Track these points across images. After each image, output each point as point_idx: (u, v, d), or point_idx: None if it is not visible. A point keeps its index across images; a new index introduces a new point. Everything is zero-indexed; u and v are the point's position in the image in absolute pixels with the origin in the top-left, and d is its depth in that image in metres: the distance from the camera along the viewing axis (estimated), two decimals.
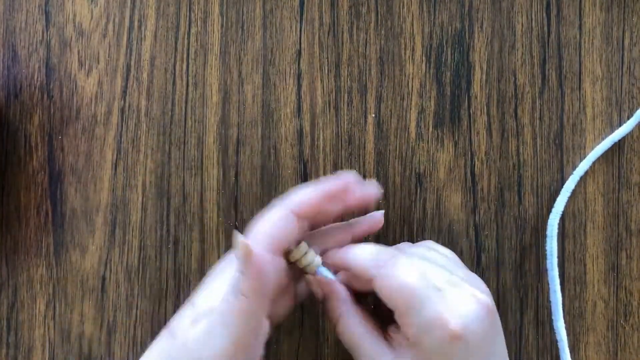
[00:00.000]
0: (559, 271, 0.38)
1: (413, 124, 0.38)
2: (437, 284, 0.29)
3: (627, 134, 0.38)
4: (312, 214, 0.31)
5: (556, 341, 0.37)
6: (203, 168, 0.38)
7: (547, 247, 0.37)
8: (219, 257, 0.38)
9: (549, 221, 0.37)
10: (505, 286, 0.38)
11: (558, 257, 0.38)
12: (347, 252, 0.31)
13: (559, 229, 0.38)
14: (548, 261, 0.37)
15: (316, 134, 0.38)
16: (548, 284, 0.37)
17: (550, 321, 0.37)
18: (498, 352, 0.30)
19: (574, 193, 0.38)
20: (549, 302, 0.37)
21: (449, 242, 0.38)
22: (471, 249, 0.38)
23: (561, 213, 0.37)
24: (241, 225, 0.38)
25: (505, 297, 0.38)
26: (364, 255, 0.31)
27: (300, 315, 0.38)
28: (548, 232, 0.37)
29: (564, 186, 0.37)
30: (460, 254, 0.38)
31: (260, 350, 0.30)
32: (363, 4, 0.38)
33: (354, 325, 0.31)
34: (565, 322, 0.37)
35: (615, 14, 0.38)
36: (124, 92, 0.38)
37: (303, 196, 0.30)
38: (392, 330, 0.30)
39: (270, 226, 0.30)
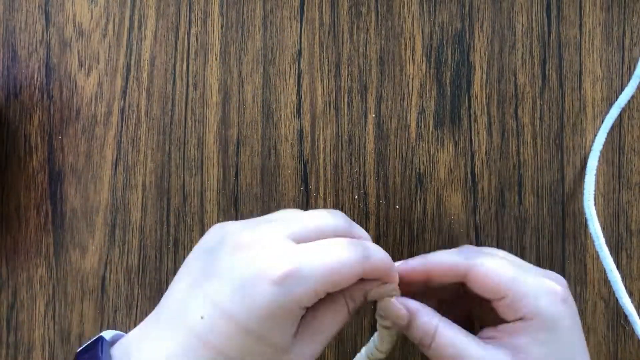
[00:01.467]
0: (560, 271, 0.38)
1: (413, 124, 0.38)
2: (526, 265, 0.30)
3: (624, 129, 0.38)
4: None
5: None
6: (203, 168, 0.38)
7: (591, 230, 0.36)
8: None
9: (584, 204, 0.37)
10: None
11: (558, 257, 0.38)
12: (425, 257, 0.31)
13: (560, 229, 0.38)
14: (595, 243, 0.36)
15: (316, 134, 0.38)
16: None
17: None
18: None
19: (574, 193, 0.38)
20: (609, 281, 0.36)
21: (449, 242, 0.38)
22: None
23: (593, 193, 0.37)
24: None
25: None
26: (447, 255, 0.31)
27: None
28: (587, 215, 0.36)
29: (590, 159, 0.37)
30: None
31: None
32: (363, 4, 0.38)
33: (455, 334, 0.29)
34: None
35: (616, 13, 0.38)
36: (124, 92, 0.38)
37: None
38: (484, 333, 0.30)
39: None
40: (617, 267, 0.38)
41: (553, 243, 0.38)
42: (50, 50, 0.38)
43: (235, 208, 0.38)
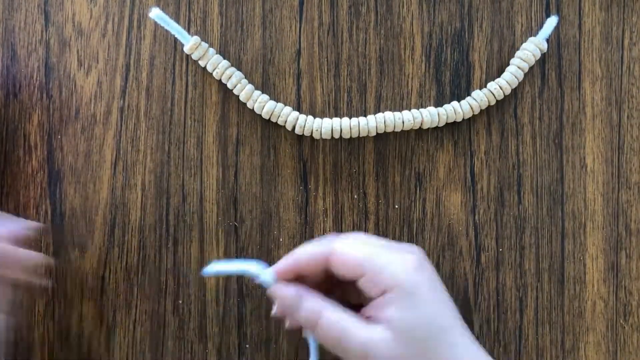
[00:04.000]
0: (559, 271, 0.38)
1: None
2: (380, 244, 0.32)
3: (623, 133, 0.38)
4: None
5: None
6: (202, 168, 0.38)
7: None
8: (218, 257, 0.38)
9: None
10: (505, 286, 0.38)
11: (557, 256, 0.38)
12: (292, 254, 0.33)
13: (559, 228, 0.38)
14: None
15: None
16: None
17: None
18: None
19: (573, 192, 0.38)
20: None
21: (449, 241, 0.38)
22: (471, 248, 0.38)
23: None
24: (240, 224, 0.38)
25: (505, 297, 0.38)
26: (308, 247, 0.33)
27: None
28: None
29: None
30: (459, 254, 0.38)
31: None
32: (363, 3, 0.38)
33: (339, 315, 0.31)
34: (565, 322, 0.38)
35: (615, 13, 0.38)
36: (124, 91, 0.38)
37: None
38: (361, 313, 0.32)
39: None
40: (617, 266, 0.38)
41: (552, 242, 0.38)
42: (50, 49, 0.38)
43: (235, 207, 0.38)
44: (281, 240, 0.38)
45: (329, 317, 0.31)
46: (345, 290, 0.33)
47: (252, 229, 0.38)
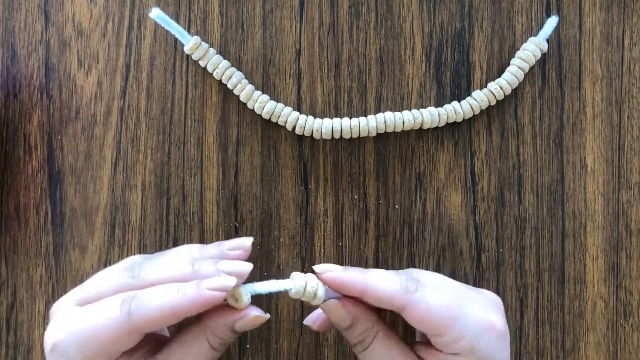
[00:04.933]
0: (560, 271, 0.38)
1: None
2: (467, 295, 0.30)
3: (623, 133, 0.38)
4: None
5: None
6: (203, 168, 0.38)
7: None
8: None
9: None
10: (505, 286, 0.38)
11: (557, 256, 0.38)
12: (365, 274, 0.29)
13: (560, 229, 0.38)
14: None
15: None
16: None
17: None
18: None
19: (573, 192, 0.38)
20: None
21: (449, 242, 0.38)
22: (471, 248, 0.38)
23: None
24: (241, 225, 0.38)
25: (505, 297, 0.38)
26: (387, 282, 0.29)
27: (300, 315, 0.38)
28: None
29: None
30: (460, 254, 0.38)
31: None
32: (363, 3, 0.38)
33: (391, 347, 0.30)
34: (565, 322, 0.38)
35: (615, 13, 0.38)
36: (124, 91, 0.38)
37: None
38: (418, 351, 0.30)
39: None
40: (617, 266, 0.38)
41: (553, 242, 0.38)
42: (50, 49, 0.38)
43: (235, 208, 0.38)
44: (281, 240, 0.38)
45: (380, 346, 0.30)
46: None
47: (252, 229, 0.38)
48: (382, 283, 0.29)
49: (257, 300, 0.38)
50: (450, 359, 0.29)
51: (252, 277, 0.37)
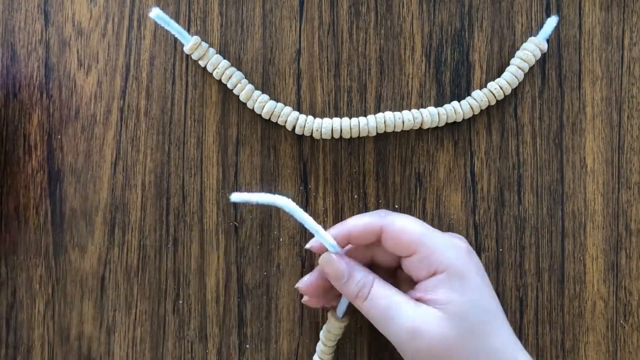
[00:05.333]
0: (559, 271, 0.38)
1: None
2: (429, 226, 0.33)
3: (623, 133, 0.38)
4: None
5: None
6: (202, 168, 0.38)
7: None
8: (218, 257, 0.38)
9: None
10: (505, 286, 0.38)
11: (557, 256, 0.38)
12: (344, 222, 0.34)
13: (559, 228, 0.38)
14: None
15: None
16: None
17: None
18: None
19: (573, 192, 0.38)
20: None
21: None
22: None
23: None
24: (240, 224, 0.38)
25: (505, 297, 0.38)
26: (362, 216, 0.33)
27: (300, 315, 0.38)
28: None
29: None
30: None
31: None
32: (363, 3, 0.38)
33: (389, 289, 0.32)
34: (565, 322, 0.38)
35: (615, 13, 0.38)
36: (123, 91, 0.38)
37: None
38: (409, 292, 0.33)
39: None
40: (617, 266, 0.38)
41: (552, 242, 0.38)
42: (50, 49, 0.38)
43: (235, 207, 0.38)
44: (281, 240, 0.38)
45: (380, 289, 0.32)
46: (385, 276, 0.34)
47: (252, 229, 0.38)
48: (358, 219, 0.33)
49: (257, 298, 0.38)
50: (430, 283, 0.31)
51: (250, 276, 0.37)
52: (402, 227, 0.32)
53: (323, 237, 0.33)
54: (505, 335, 0.32)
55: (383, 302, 0.31)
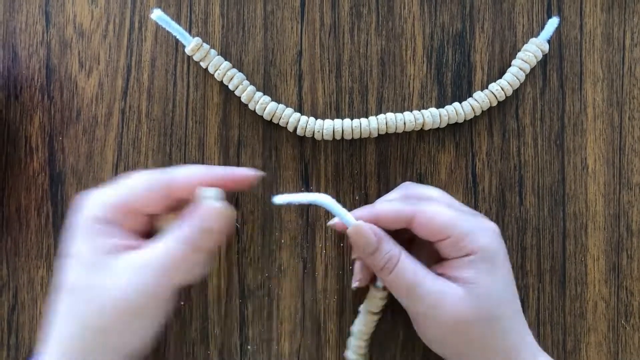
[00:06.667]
0: (560, 272, 0.38)
1: None
2: (462, 208, 0.34)
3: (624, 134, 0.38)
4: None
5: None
6: None
7: None
8: (220, 259, 0.38)
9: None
10: None
11: (558, 257, 0.38)
12: (373, 207, 0.33)
13: (561, 229, 0.38)
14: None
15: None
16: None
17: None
18: None
19: (574, 193, 0.38)
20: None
21: None
22: None
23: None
24: (242, 225, 0.38)
25: None
26: (392, 204, 0.33)
27: (301, 316, 0.38)
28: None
29: None
30: None
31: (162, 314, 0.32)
32: (364, 4, 0.38)
33: (415, 263, 0.32)
34: (566, 323, 0.38)
35: (616, 14, 0.38)
36: (125, 93, 0.38)
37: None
38: (433, 270, 0.33)
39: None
40: (618, 267, 0.38)
41: (554, 243, 0.38)
42: (51, 51, 0.38)
43: (236, 208, 0.38)
44: (283, 241, 0.38)
45: (407, 262, 0.32)
46: (413, 251, 0.34)
47: (253, 230, 0.38)
48: (390, 206, 0.33)
49: (259, 299, 0.38)
50: (460, 263, 0.32)
51: (252, 277, 0.37)
52: (434, 215, 0.32)
53: (342, 212, 0.33)
54: (519, 320, 0.32)
55: (408, 275, 0.32)
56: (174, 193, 0.32)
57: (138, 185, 0.32)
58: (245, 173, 0.33)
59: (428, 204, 0.33)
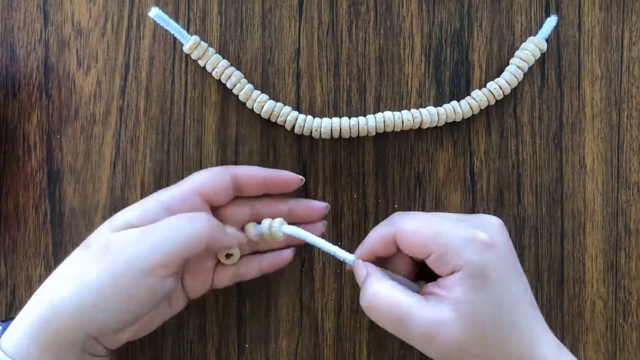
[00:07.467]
0: (558, 271, 0.38)
1: None
2: (444, 217, 0.32)
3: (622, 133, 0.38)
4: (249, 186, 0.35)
5: None
6: (202, 167, 0.38)
7: None
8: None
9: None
10: None
11: (556, 256, 0.38)
12: (364, 240, 0.33)
13: (559, 228, 0.38)
14: None
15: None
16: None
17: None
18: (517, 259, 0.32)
19: (572, 192, 0.38)
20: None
21: None
22: None
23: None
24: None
25: None
26: (378, 229, 0.33)
27: (299, 315, 0.38)
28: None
29: None
30: None
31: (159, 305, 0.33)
32: (362, 3, 0.38)
33: (400, 298, 0.30)
34: (564, 322, 0.38)
35: (615, 13, 0.38)
36: (123, 91, 0.38)
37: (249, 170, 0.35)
38: (425, 289, 0.32)
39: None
40: (616, 266, 0.38)
41: (552, 242, 0.38)
42: (49, 49, 0.38)
43: None
44: None
45: (385, 296, 0.31)
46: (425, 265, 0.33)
47: None
48: (374, 232, 0.33)
49: (257, 298, 0.38)
50: (449, 280, 0.30)
51: (252, 277, 0.37)
52: (413, 231, 0.31)
53: (345, 255, 0.34)
54: (529, 330, 0.30)
55: (393, 311, 0.30)
56: (239, 180, 0.34)
57: (205, 174, 0.34)
58: (291, 177, 0.35)
59: (405, 221, 0.32)
